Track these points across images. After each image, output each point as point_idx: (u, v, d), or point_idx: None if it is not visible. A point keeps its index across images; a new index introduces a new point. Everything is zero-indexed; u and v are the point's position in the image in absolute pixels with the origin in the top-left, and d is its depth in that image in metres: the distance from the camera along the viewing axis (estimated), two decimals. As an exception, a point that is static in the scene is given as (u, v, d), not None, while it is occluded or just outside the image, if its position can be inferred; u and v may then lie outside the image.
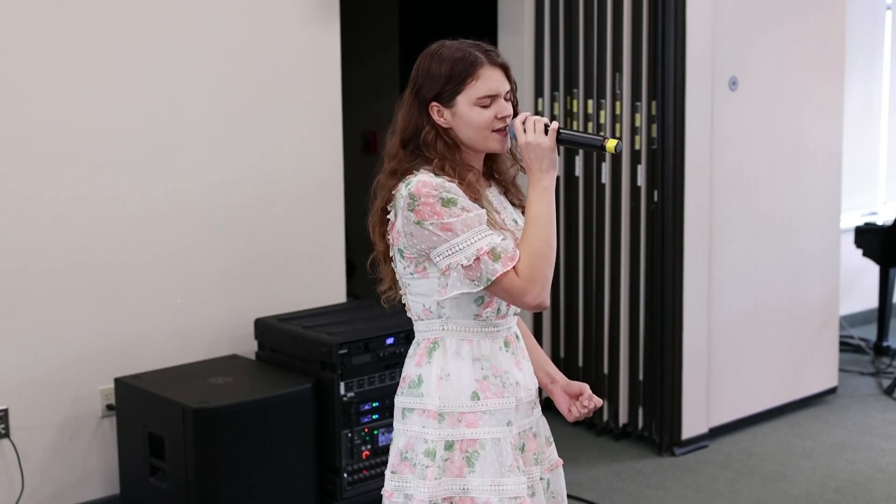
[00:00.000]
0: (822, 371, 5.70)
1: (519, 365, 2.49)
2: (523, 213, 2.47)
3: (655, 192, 4.88)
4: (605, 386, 5.15)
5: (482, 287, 2.32)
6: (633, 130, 4.92)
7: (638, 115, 4.89)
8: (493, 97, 2.40)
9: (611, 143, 2.33)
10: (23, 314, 4.00)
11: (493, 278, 2.30)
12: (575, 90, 5.15)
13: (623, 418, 5.11)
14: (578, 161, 5.16)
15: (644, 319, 5.00)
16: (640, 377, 5.04)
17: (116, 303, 4.19)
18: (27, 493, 4.04)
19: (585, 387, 2.60)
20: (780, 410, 5.47)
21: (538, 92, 5.31)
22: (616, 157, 5.00)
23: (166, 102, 4.23)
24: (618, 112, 4.97)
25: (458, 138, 2.42)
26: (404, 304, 2.53)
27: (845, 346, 6.56)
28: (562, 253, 5.31)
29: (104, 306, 4.16)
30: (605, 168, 5.04)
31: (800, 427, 5.33)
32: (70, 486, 4.16)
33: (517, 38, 5.35)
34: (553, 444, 2.63)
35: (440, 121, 2.41)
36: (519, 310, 2.48)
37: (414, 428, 2.44)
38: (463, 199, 2.33)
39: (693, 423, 5.00)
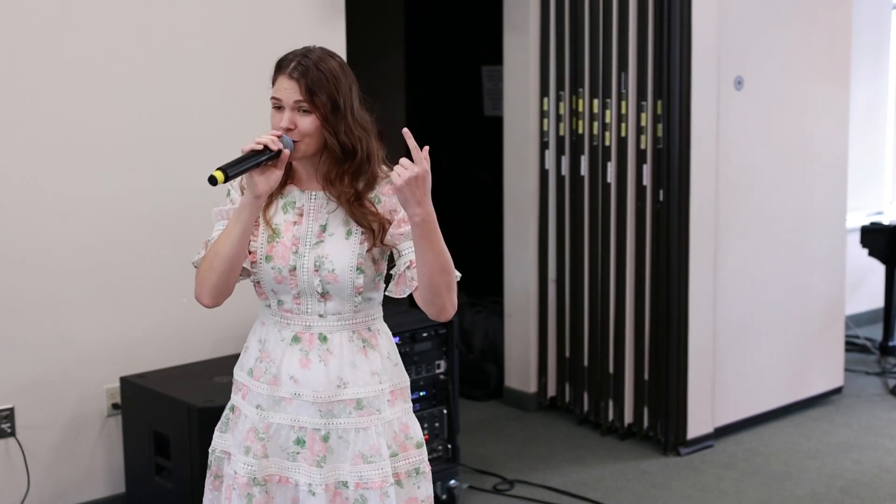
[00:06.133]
0: (827, 371, 5.69)
1: (306, 364, 2.52)
2: (372, 228, 2.49)
3: (661, 192, 4.88)
4: (610, 385, 5.15)
5: None
6: (639, 130, 4.91)
7: (643, 115, 4.89)
8: (279, 102, 2.48)
9: (217, 172, 2.38)
10: (28, 313, 4.00)
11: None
12: (580, 89, 5.14)
13: (628, 418, 5.11)
14: (584, 161, 5.16)
15: (649, 319, 5.00)
16: (646, 377, 5.03)
17: (122, 302, 4.20)
18: (33, 492, 4.05)
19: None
20: (786, 410, 5.47)
21: (543, 91, 5.30)
22: (622, 156, 5.00)
23: (171, 102, 4.24)
24: (623, 111, 4.96)
25: None
26: None
27: (851, 345, 6.54)
28: (567, 252, 5.32)
29: (109, 306, 4.17)
30: (611, 167, 5.04)
31: (805, 427, 5.33)
32: (75, 484, 4.17)
33: (522, 37, 5.35)
34: (375, 463, 2.51)
35: None
36: (331, 310, 2.51)
37: None
38: (235, 191, 2.58)
39: (698, 423, 5.00)
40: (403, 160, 2.32)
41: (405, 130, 2.29)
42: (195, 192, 4.33)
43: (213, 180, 2.35)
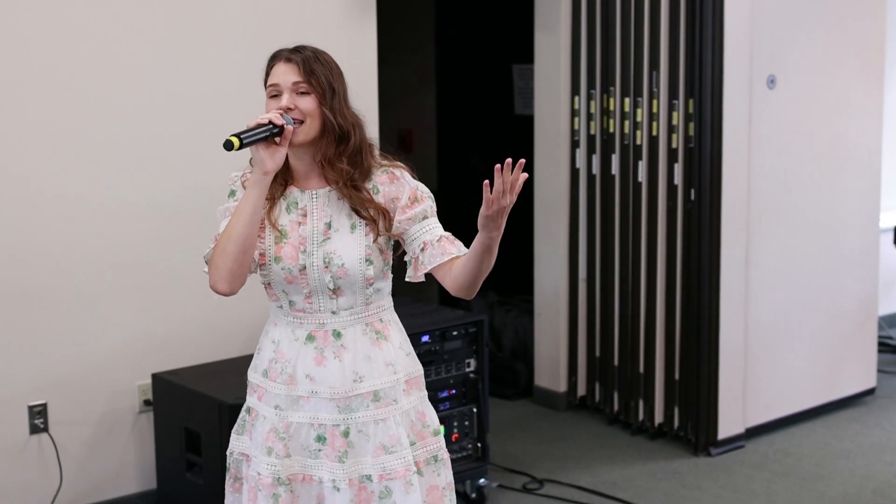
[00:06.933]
0: (860, 372, 5.65)
1: (321, 361, 2.55)
2: (376, 224, 2.53)
3: (692, 191, 4.86)
4: (640, 385, 5.14)
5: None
6: (671, 129, 4.90)
7: (675, 114, 4.87)
8: (276, 88, 2.55)
9: (232, 137, 2.45)
10: (61, 310, 4.03)
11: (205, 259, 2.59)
12: (612, 88, 5.13)
13: (659, 418, 5.09)
14: (615, 159, 5.14)
15: (680, 319, 4.98)
16: (676, 376, 5.01)
17: (154, 299, 4.22)
18: (65, 487, 4.08)
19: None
20: (818, 411, 5.43)
21: (574, 89, 5.29)
22: (653, 155, 4.98)
23: (202, 101, 4.26)
24: (655, 110, 4.95)
25: None
26: None
27: (884, 346, 6.50)
28: (597, 251, 5.31)
29: (142, 303, 4.20)
30: (642, 166, 5.02)
31: (837, 428, 5.29)
32: (107, 480, 4.20)
33: (554, 35, 5.34)
34: (397, 453, 2.55)
35: None
36: (343, 305, 2.54)
37: None
38: (241, 191, 2.61)
39: (729, 423, 4.98)
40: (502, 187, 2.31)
41: (521, 161, 2.31)
42: (225, 191, 4.35)
43: (229, 144, 2.44)
